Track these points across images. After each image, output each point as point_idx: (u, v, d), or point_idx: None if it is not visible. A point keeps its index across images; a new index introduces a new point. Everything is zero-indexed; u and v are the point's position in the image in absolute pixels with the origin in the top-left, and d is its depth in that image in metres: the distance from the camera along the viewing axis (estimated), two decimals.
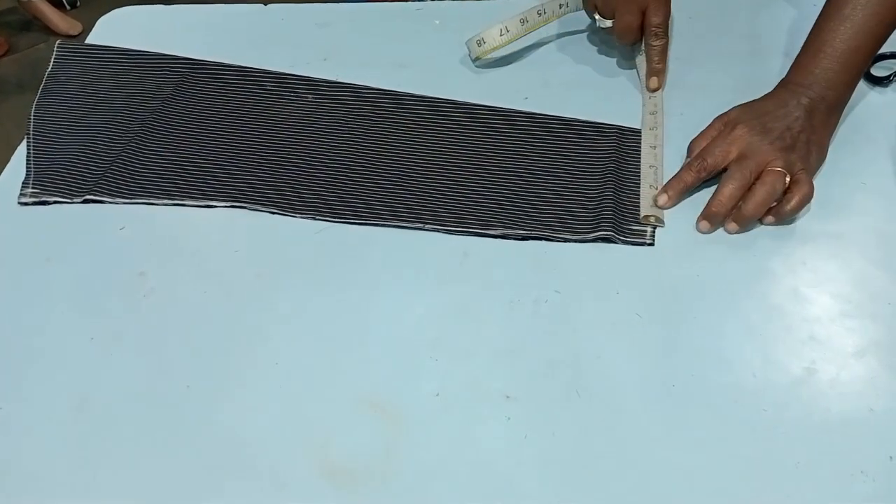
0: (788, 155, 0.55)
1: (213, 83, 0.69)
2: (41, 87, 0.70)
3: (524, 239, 0.55)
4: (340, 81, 0.68)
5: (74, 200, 0.59)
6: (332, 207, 0.58)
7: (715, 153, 0.56)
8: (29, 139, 0.65)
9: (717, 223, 0.55)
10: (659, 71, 0.66)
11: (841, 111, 0.60)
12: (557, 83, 0.68)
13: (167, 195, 0.59)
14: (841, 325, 0.50)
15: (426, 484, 0.44)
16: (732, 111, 0.59)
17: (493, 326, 0.51)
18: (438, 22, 0.76)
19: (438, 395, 0.47)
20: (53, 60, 0.72)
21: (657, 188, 0.58)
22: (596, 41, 0.72)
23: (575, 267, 0.54)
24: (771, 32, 0.72)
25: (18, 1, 2.11)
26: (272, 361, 0.49)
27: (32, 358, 0.51)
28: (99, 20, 0.79)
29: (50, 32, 2.13)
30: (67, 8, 2.25)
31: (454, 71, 0.70)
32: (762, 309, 0.51)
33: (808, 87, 0.57)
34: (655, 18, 0.64)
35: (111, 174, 0.61)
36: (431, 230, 0.56)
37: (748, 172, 0.55)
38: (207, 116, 0.66)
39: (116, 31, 0.77)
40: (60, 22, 2.13)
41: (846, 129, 0.62)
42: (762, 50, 0.70)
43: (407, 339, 0.50)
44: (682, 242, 0.55)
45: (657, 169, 0.59)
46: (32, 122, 0.66)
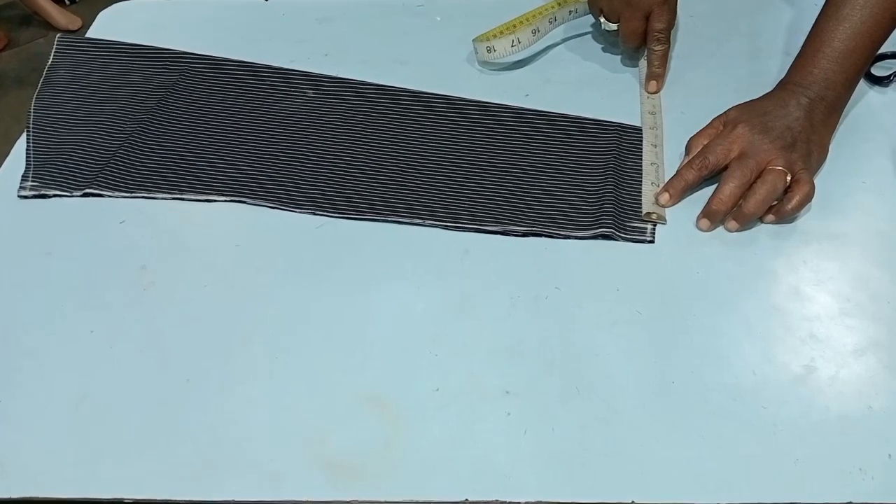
0: (789, 154, 0.55)
1: (213, 78, 0.68)
2: (41, 80, 0.70)
3: (524, 235, 0.55)
4: (341, 77, 0.68)
5: (74, 194, 0.59)
6: (332, 203, 0.58)
7: (716, 151, 0.56)
8: (29, 133, 0.65)
9: (717, 221, 0.55)
10: (658, 75, 0.66)
11: (840, 111, 0.60)
12: (559, 80, 0.68)
13: (167, 189, 0.59)
14: (841, 323, 0.50)
15: (425, 478, 0.44)
16: (732, 110, 0.60)
17: (493, 322, 0.51)
18: (440, 19, 0.76)
19: (438, 390, 0.47)
20: (54, 54, 0.72)
21: (659, 186, 0.58)
22: (598, 39, 0.72)
23: (575, 264, 0.54)
24: (770, 32, 0.72)
25: None
26: (272, 356, 0.49)
27: (32, 351, 0.50)
28: (99, 14, 0.79)
29: (49, 27, 2.12)
30: (67, 3, 2.25)
31: (455, 68, 0.70)
32: (762, 307, 0.51)
33: (807, 87, 0.57)
34: (658, 24, 0.64)
35: (111, 167, 0.61)
36: (431, 226, 0.56)
37: (749, 171, 0.55)
38: (207, 111, 0.66)
39: (116, 25, 0.77)
40: (60, 17, 2.13)
41: (846, 128, 0.62)
42: (762, 49, 0.70)
43: (407, 334, 0.50)
44: (682, 240, 0.55)
45: (658, 167, 0.59)
46: (32, 115, 0.66)
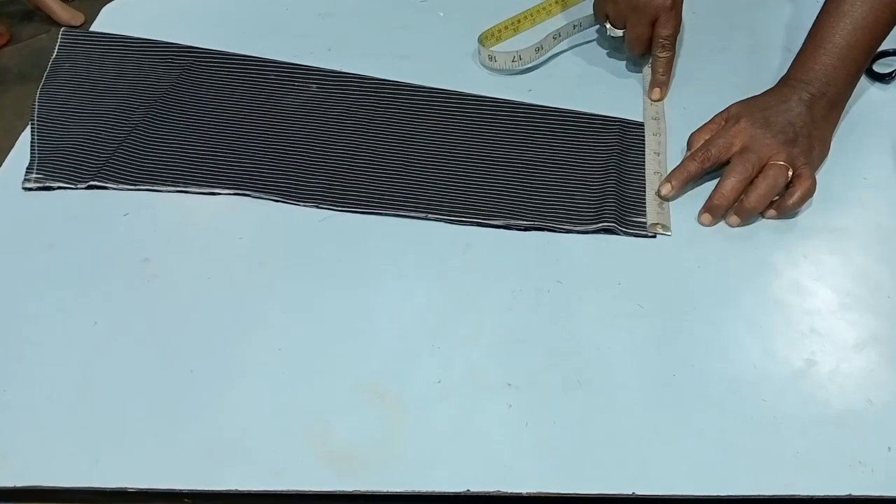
0: (791, 149, 0.55)
1: (217, 72, 0.69)
2: (46, 73, 0.70)
3: (526, 229, 0.56)
4: (344, 71, 0.68)
5: (78, 186, 0.59)
6: (335, 196, 0.58)
7: (718, 144, 0.57)
8: (33, 125, 0.65)
9: (719, 216, 0.55)
10: (662, 83, 0.66)
11: (842, 107, 0.60)
12: (562, 76, 0.68)
13: (171, 182, 0.59)
14: (841, 317, 0.50)
15: (427, 470, 0.44)
16: (734, 106, 0.60)
17: (495, 315, 0.51)
18: (443, 14, 0.76)
19: (440, 382, 0.47)
20: (58, 47, 0.72)
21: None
22: (601, 37, 0.72)
23: (577, 258, 0.54)
24: (771, 28, 0.72)
25: None
26: (275, 347, 0.50)
27: (36, 343, 0.51)
28: (102, 9, 0.79)
29: (52, 23, 2.12)
30: None
31: (457, 63, 0.70)
32: (763, 301, 0.51)
33: (808, 82, 0.58)
34: (664, 31, 0.64)
35: (115, 160, 0.61)
36: (434, 219, 0.56)
37: (750, 165, 0.55)
38: (211, 104, 0.66)
39: (119, 20, 0.77)
40: (62, 12, 2.12)
41: (848, 124, 0.62)
42: (763, 45, 0.71)
43: (409, 326, 0.50)
44: (683, 234, 0.55)
45: (661, 175, 0.59)
46: (37, 108, 0.66)
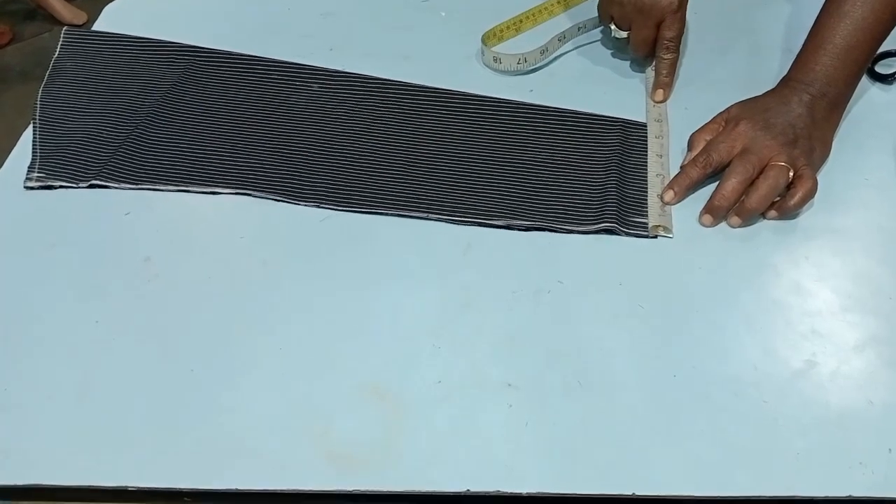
0: (791, 150, 0.55)
1: (219, 71, 0.69)
2: (48, 72, 0.70)
3: (528, 229, 0.56)
4: (345, 71, 0.68)
5: (80, 185, 0.59)
6: (337, 196, 0.58)
7: (720, 149, 0.57)
8: (35, 124, 0.65)
9: (720, 217, 0.55)
10: (666, 84, 0.66)
11: (843, 107, 0.60)
12: (564, 76, 0.68)
13: (172, 181, 0.59)
14: (842, 319, 0.50)
15: (427, 469, 0.44)
16: (734, 107, 0.60)
17: (495, 316, 0.51)
18: (444, 14, 0.76)
19: (440, 382, 0.48)
20: (60, 46, 0.72)
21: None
22: (604, 37, 0.72)
23: (578, 258, 0.54)
24: (772, 29, 0.72)
25: None
26: (276, 347, 0.50)
27: (37, 341, 0.51)
28: (105, 9, 0.79)
29: (54, 21, 2.12)
30: None
31: (459, 63, 0.70)
32: (764, 302, 0.51)
33: (809, 83, 0.58)
34: (669, 32, 0.64)
35: (117, 159, 0.61)
36: (436, 219, 0.56)
37: (751, 167, 0.55)
38: (213, 104, 0.66)
39: (122, 19, 0.77)
40: (65, 11, 2.12)
41: (849, 125, 0.62)
42: (764, 46, 0.70)
43: (409, 326, 0.50)
44: (684, 235, 0.55)
45: (664, 178, 0.59)
46: (39, 106, 0.66)
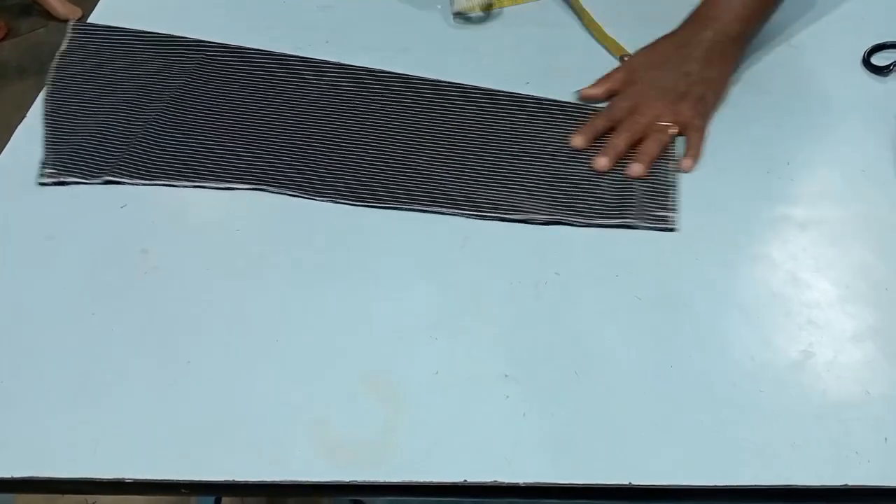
0: (678, 105, 0.60)
1: (230, 66, 0.68)
2: (54, 66, 0.69)
3: (546, 223, 0.55)
4: (357, 65, 0.67)
5: (94, 181, 0.59)
6: (355, 192, 0.58)
7: (620, 106, 0.62)
8: (44, 119, 0.64)
9: (612, 161, 0.59)
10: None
11: (744, 47, 0.64)
12: (560, 68, 0.68)
13: (188, 177, 0.59)
14: (839, 310, 0.50)
15: (425, 460, 0.44)
16: (635, 59, 0.65)
17: (493, 307, 0.51)
18: (440, 7, 0.76)
19: (438, 373, 0.48)
20: (68, 40, 0.71)
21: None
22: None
23: (575, 250, 0.54)
24: (771, 24, 0.72)
25: None
26: (273, 338, 0.50)
27: (34, 334, 0.51)
28: (100, 2, 0.79)
29: (50, 17, 2.12)
30: None
31: (457, 55, 0.70)
32: (761, 293, 0.51)
33: (714, 18, 0.62)
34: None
35: (130, 155, 0.60)
36: (454, 214, 0.56)
37: (639, 127, 0.60)
38: (225, 99, 0.65)
39: (117, 13, 0.77)
40: (60, 6, 2.12)
41: (845, 116, 0.62)
42: (762, 40, 0.70)
43: (407, 318, 0.50)
44: (682, 227, 0.55)
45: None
46: (46, 101, 0.66)
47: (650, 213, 0.56)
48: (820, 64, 0.67)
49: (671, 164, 0.59)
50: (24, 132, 0.64)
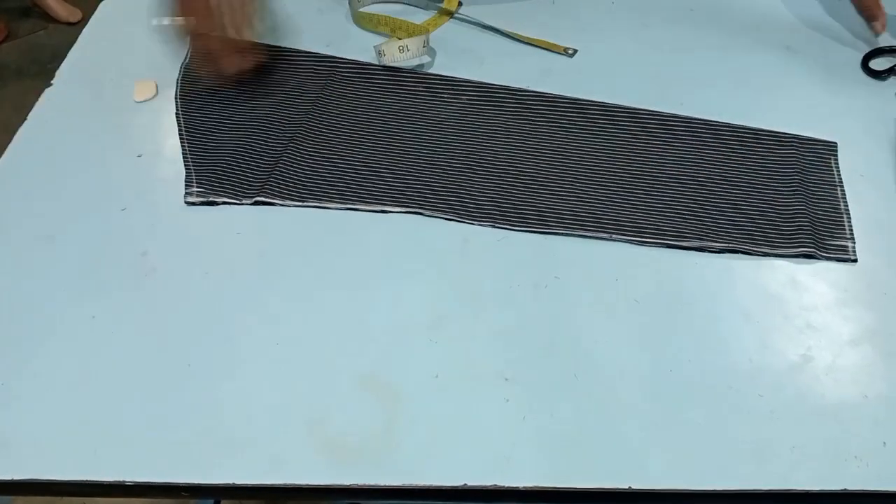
0: None
1: (365, 83, 0.67)
2: (178, 79, 0.68)
3: (721, 252, 0.54)
4: (494, 84, 0.66)
5: (244, 202, 0.58)
6: (511, 215, 0.56)
7: None
8: (181, 135, 0.63)
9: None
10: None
11: None
12: (560, 70, 0.68)
13: (339, 199, 0.58)
14: (837, 313, 0.50)
15: (424, 464, 0.44)
16: None
17: (492, 310, 0.51)
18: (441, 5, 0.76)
19: (437, 376, 0.48)
20: (190, 53, 0.69)
21: None
22: (599, 20, 0.72)
23: (574, 254, 0.54)
24: (770, 23, 0.72)
25: None
26: (273, 341, 0.50)
27: (34, 336, 0.51)
28: (101, 4, 0.79)
29: (49, 19, 2.12)
30: None
31: (461, 56, 0.69)
32: (760, 296, 0.51)
33: None
34: None
35: (278, 176, 0.59)
36: (620, 241, 0.54)
37: None
38: (366, 117, 0.64)
39: (119, 16, 0.77)
40: (60, 9, 2.12)
41: (844, 120, 0.62)
42: (762, 41, 0.71)
43: (406, 320, 0.50)
44: None
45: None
46: (181, 117, 0.64)
47: (826, 242, 0.54)
48: (818, 68, 0.67)
49: (839, 190, 0.57)
50: (24, 135, 0.64)
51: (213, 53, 0.62)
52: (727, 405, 0.46)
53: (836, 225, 0.55)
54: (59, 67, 0.71)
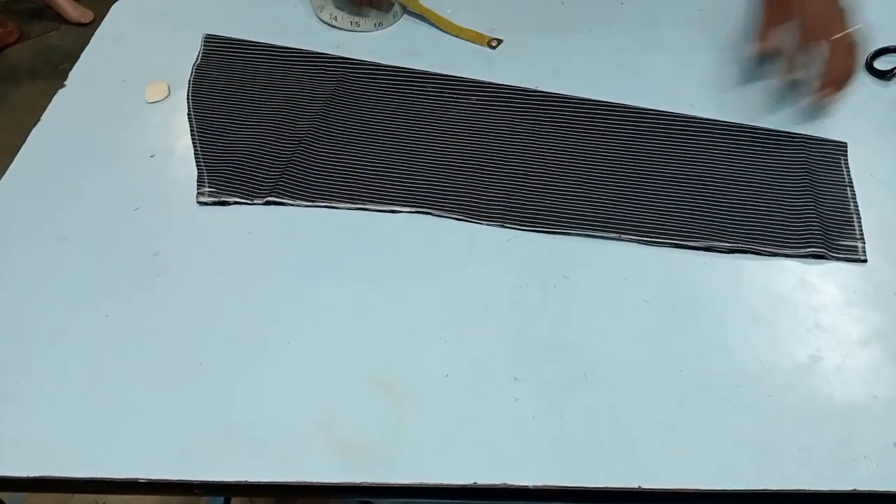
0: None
1: (375, 84, 0.67)
2: (190, 80, 0.69)
3: (730, 252, 0.54)
4: (503, 84, 0.66)
5: (255, 202, 0.59)
6: (520, 215, 0.57)
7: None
8: (194, 136, 0.64)
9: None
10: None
11: None
12: (568, 71, 0.68)
13: (349, 199, 0.58)
14: (846, 314, 0.50)
15: (434, 462, 0.44)
16: None
17: (501, 310, 0.51)
18: (451, 11, 0.76)
19: (447, 375, 0.48)
20: (202, 54, 0.71)
21: None
22: (606, 23, 0.72)
23: (582, 255, 0.54)
24: None
25: None
26: (284, 340, 0.50)
27: (48, 335, 0.51)
28: (113, 6, 0.80)
29: (61, 20, 2.13)
30: None
31: (465, 58, 0.70)
32: (769, 297, 0.51)
33: None
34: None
35: (289, 175, 0.60)
36: (628, 241, 0.55)
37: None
38: (376, 117, 0.65)
39: (131, 17, 0.78)
40: (72, 10, 2.13)
41: (852, 121, 0.62)
42: None
43: (416, 320, 0.51)
44: None
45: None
46: (193, 118, 0.65)
47: (836, 242, 0.54)
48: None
49: (849, 190, 0.57)
50: (37, 136, 0.65)
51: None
52: (736, 405, 0.46)
53: (845, 225, 0.55)
54: (71, 69, 0.71)
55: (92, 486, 0.46)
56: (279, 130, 0.64)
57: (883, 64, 0.67)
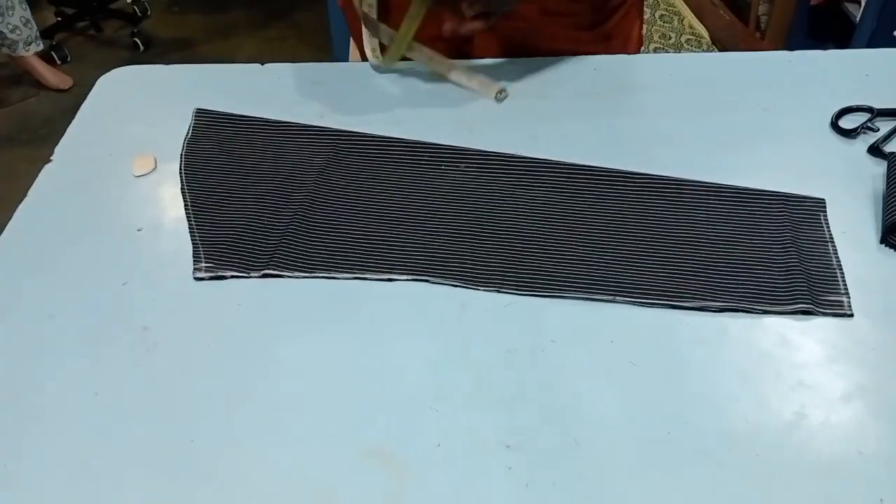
0: None
1: (367, 153, 0.68)
2: (182, 153, 0.69)
3: (721, 311, 0.55)
4: (491, 151, 0.68)
5: (252, 275, 0.59)
6: (515, 281, 0.57)
7: None
8: (187, 210, 0.64)
9: None
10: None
11: None
12: (546, 135, 0.70)
13: (347, 269, 0.59)
14: (828, 370, 0.52)
15: None
16: None
17: (491, 376, 0.52)
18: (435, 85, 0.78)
19: (440, 445, 0.48)
20: (192, 128, 0.72)
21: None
22: (581, 90, 0.75)
23: (568, 318, 0.55)
24: (744, 87, 0.75)
25: (9, 56, 2.14)
26: (276, 413, 0.50)
27: (37, 415, 0.51)
28: (99, 80, 0.81)
29: (40, 86, 2.15)
30: (58, 62, 2.28)
31: (446, 124, 0.72)
32: (753, 355, 0.52)
33: None
34: None
35: (285, 247, 0.60)
36: (623, 302, 0.55)
37: None
38: (371, 187, 0.65)
39: (117, 90, 0.79)
40: (51, 76, 2.16)
41: (820, 179, 0.64)
42: (735, 103, 0.73)
43: (408, 389, 0.51)
44: None
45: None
46: (187, 192, 0.65)
47: (823, 298, 0.55)
48: (791, 127, 0.70)
49: (830, 245, 0.59)
50: (23, 212, 0.65)
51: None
52: (726, 465, 0.47)
53: (830, 280, 0.57)
54: (49, 134, 0.72)
55: None
56: (273, 203, 0.65)
57: (848, 123, 0.69)
